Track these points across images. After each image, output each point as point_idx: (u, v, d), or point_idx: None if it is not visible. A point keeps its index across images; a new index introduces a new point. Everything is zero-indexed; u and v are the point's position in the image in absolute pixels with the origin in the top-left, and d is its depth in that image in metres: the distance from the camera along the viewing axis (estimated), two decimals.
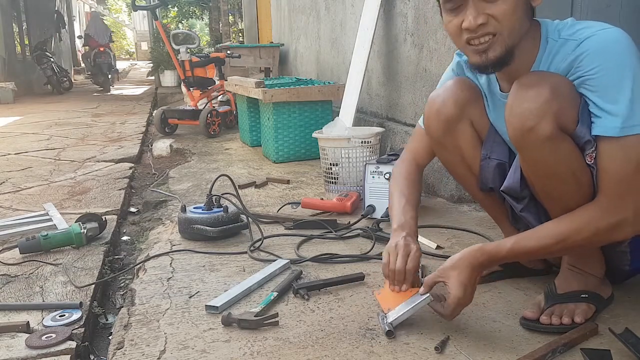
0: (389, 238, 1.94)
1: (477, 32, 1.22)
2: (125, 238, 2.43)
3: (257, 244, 1.98)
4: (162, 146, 4.50)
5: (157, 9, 5.97)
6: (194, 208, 2.14)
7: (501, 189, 1.44)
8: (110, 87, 11.18)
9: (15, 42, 10.92)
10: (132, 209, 2.84)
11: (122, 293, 1.86)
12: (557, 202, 1.30)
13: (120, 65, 22.93)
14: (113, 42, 12.12)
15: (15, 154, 4.18)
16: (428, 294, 1.33)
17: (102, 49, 11.29)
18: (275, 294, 1.53)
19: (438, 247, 1.92)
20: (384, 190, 2.22)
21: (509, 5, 1.20)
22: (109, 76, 11.21)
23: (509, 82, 1.34)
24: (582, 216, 1.23)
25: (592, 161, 1.22)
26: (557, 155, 1.21)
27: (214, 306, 1.47)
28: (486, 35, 1.22)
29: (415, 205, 1.55)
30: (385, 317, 1.37)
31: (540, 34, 1.30)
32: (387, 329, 1.32)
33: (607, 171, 1.19)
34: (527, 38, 1.28)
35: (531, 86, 1.20)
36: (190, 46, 5.40)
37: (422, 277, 1.61)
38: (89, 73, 10.33)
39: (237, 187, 2.23)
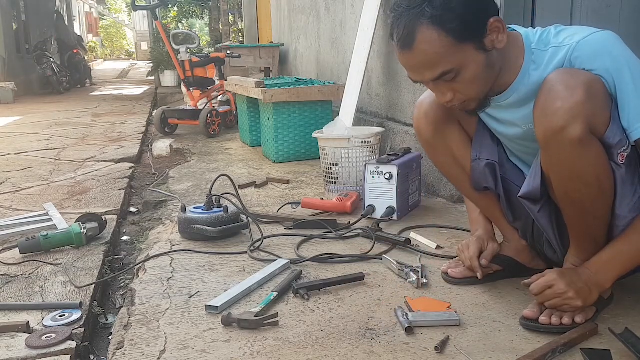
0: (389, 238, 1.95)
1: (448, 104, 1.33)
2: (125, 238, 2.42)
3: (257, 244, 1.98)
4: (162, 146, 4.50)
5: (157, 9, 5.96)
6: (194, 208, 2.14)
7: (519, 195, 1.42)
8: (85, 82, 12.62)
9: (16, 42, 10.92)
10: (132, 209, 2.83)
11: (122, 293, 1.85)
12: (576, 205, 1.28)
13: (120, 65, 22.96)
14: (82, 47, 13.97)
15: (15, 154, 4.17)
16: (458, 317, 1.37)
17: (75, 50, 12.71)
18: (275, 294, 1.53)
19: (438, 247, 1.92)
20: (384, 190, 2.22)
21: (468, 78, 1.25)
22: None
23: (493, 89, 1.35)
24: None
25: (624, 160, 1.21)
26: (584, 158, 1.19)
27: (214, 306, 1.47)
28: (456, 102, 1.31)
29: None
30: (407, 314, 1.38)
31: (523, 44, 1.30)
32: (407, 325, 1.33)
33: None
34: (508, 56, 1.29)
35: (565, 84, 1.17)
36: (190, 46, 5.39)
37: (423, 278, 1.61)
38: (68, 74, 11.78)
39: (237, 187, 2.23)
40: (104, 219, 2.22)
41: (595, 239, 1.33)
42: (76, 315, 1.51)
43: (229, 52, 5.63)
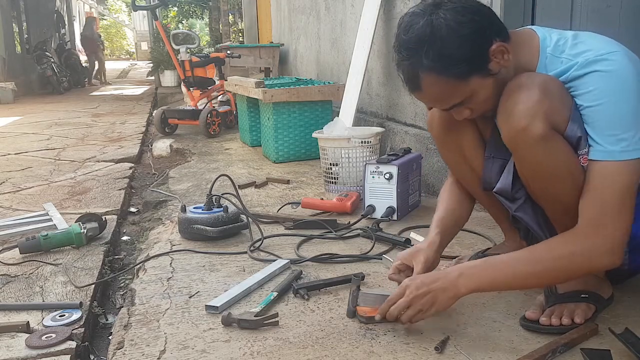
0: (389, 238, 1.95)
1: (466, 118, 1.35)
2: (125, 238, 2.42)
3: (257, 244, 1.98)
4: (162, 146, 4.50)
5: (157, 9, 5.97)
6: (194, 208, 2.14)
7: (494, 190, 1.44)
8: (85, 82, 12.80)
9: (15, 42, 10.92)
10: (132, 209, 2.84)
11: (122, 293, 1.85)
12: (555, 202, 1.30)
13: (120, 65, 22.98)
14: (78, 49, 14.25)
15: (15, 154, 4.17)
16: None
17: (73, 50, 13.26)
18: (275, 294, 1.53)
19: None
20: (384, 190, 2.22)
21: (480, 100, 1.27)
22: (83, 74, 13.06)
23: None
24: (558, 242, 1.24)
25: (586, 163, 1.22)
26: (551, 154, 1.21)
27: (214, 306, 1.47)
28: (474, 116, 1.34)
29: (445, 220, 1.56)
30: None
31: (539, 46, 1.29)
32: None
33: (591, 193, 1.20)
34: (519, 60, 1.29)
35: (521, 87, 1.21)
36: (190, 46, 5.39)
37: None
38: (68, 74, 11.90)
39: (237, 187, 2.23)
40: (104, 219, 2.22)
41: None
42: (76, 315, 1.51)
43: (229, 52, 5.63)
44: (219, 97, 5.30)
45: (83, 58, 14.28)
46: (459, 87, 1.24)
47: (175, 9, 15.57)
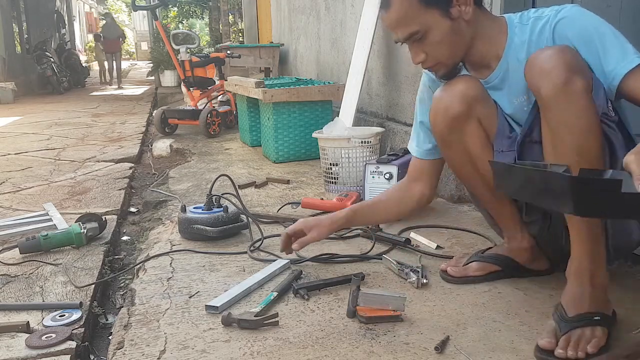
0: (389, 238, 1.96)
1: (421, 65, 1.47)
2: (125, 238, 2.42)
3: (257, 244, 1.98)
4: (162, 146, 4.50)
5: (157, 9, 5.97)
6: (194, 208, 2.14)
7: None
8: (85, 83, 13.22)
9: (15, 42, 10.93)
10: (132, 209, 2.84)
11: (122, 293, 1.85)
12: (583, 160, 1.25)
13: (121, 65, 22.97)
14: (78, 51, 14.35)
15: (15, 154, 4.18)
16: (406, 296, 1.42)
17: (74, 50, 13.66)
18: (275, 294, 1.53)
19: (438, 247, 1.92)
20: (384, 190, 2.22)
21: (434, 41, 1.41)
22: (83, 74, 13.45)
23: (475, 69, 1.50)
24: None
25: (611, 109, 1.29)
26: (589, 108, 1.23)
27: (214, 306, 1.47)
28: (429, 65, 1.46)
29: (361, 205, 1.80)
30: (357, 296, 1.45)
31: (506, 23, 1.43)
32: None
33: None
34: (483, 29, 1.42)
35: (547, 52, 1.26)
36: (190, 46, 5.40)
37: (423, 278, 1.61)
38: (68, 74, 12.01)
39: (237, 187, 2.23)
40: (104, 219, 2.22)
41: None
42: (76, 315, 1.51)
43: (229, 52, 5.63)
44: (219, 97, 5.30)
45: (83, 58, 14.33)
46: (418, 13, 1.37)
47: (175, 9, 15.58)
